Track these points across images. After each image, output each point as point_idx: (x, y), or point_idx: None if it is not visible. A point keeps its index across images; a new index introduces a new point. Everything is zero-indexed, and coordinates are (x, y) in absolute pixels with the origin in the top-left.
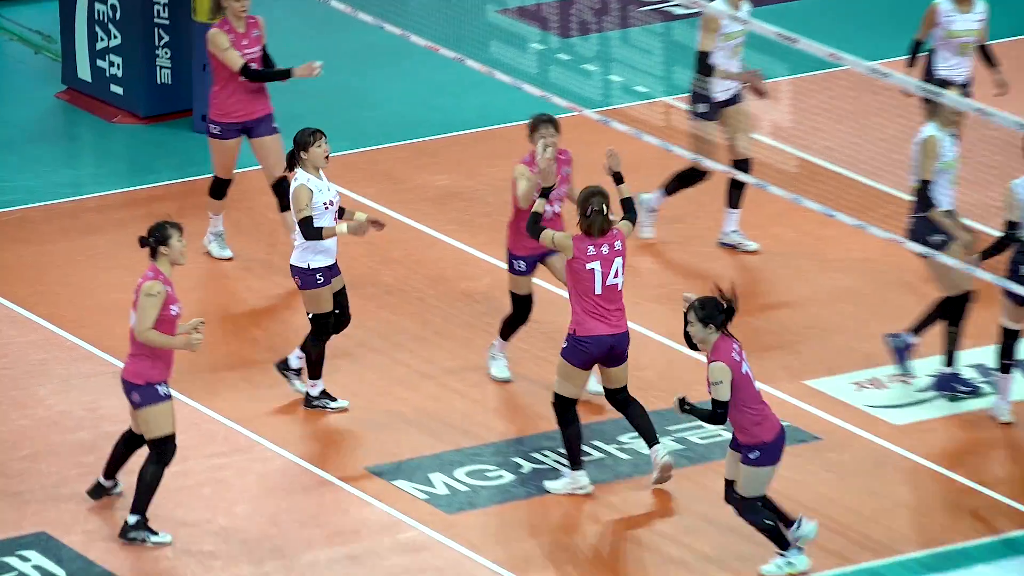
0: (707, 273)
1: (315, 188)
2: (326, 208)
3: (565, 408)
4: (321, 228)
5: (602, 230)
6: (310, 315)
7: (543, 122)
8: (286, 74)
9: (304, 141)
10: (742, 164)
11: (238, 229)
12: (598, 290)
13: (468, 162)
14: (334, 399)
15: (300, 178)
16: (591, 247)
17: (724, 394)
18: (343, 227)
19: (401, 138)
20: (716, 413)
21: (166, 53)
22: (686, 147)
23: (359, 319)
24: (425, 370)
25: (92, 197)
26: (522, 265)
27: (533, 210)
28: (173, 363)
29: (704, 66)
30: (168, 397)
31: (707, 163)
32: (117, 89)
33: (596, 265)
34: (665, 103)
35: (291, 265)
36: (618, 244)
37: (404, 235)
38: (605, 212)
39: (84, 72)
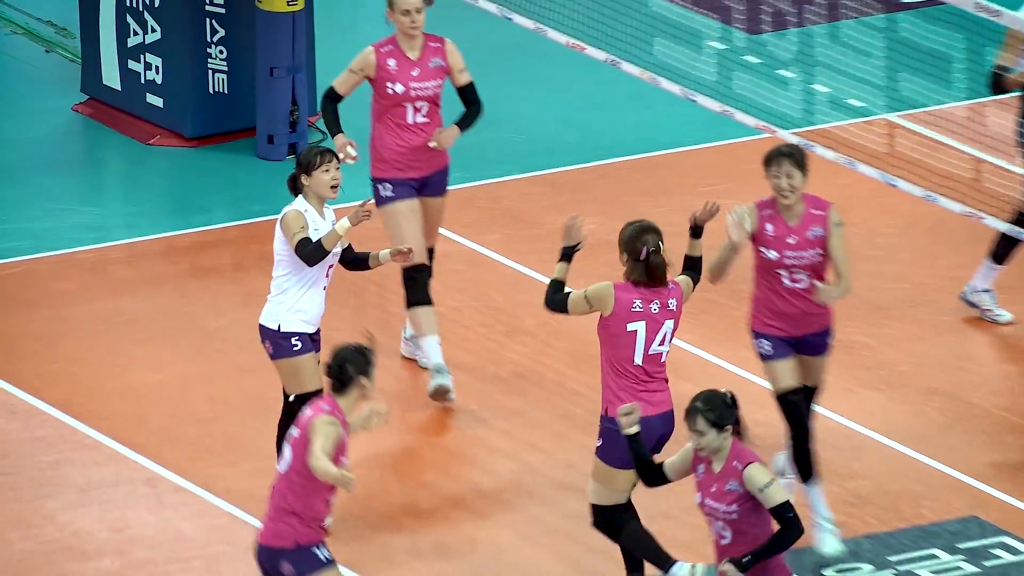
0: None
1: (311, 222)
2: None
3: (612, 519)
4: (319, 241)
5: (660, 278)
6: (290, 397)
7: (780, 155)
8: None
9: (308, 162)
10: None
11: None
12: (637, 359)
13: (622, 199)
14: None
15: (297, 204)
16: (637, 301)
17: (782, 492)
18: (343, 222)
19: (532, 168)
20: (788, 519)
21: (221, 53)
22: (914, 180)
23: (479, 407)
24: (565, 479)
25: (120, 244)
26: (766, 347)
27: (555, 278)
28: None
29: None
30: (331, 563)
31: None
32: (155, 100)
33: (640, 326)
34: (888, 122)
35: (260, 325)
36: (672, 303)
37: (536, 297)
38: (662, 254)
39: (111, 77)
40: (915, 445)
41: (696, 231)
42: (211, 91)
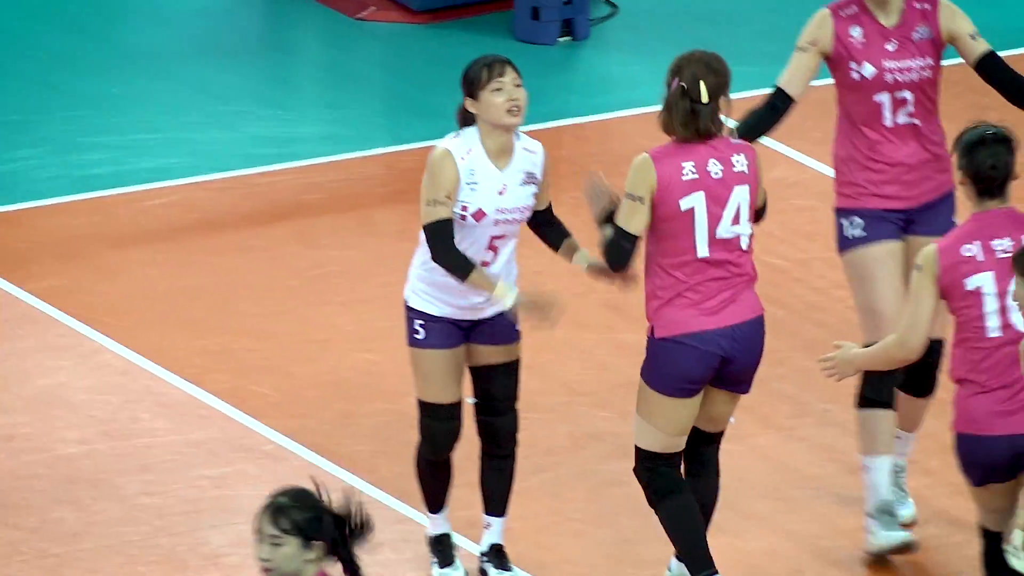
0: None
1: (466, 173)
2: (463, 218)
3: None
4: (463, 258)
5: (706, 127)
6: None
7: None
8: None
9: (473, 78)
10: None
11: None
12: (701, 248)
13: None
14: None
15: (451, 143)
16: (688, 164)
17: None
18: (507, 295)
19: None
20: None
21: None
22: None
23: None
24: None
25: (316, 165)
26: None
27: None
28: None
29: None
30: None
31: None
32: None
33: (699, 200)
34: None
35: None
36: (740, 160)
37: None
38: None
39: None
40: None
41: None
42: None
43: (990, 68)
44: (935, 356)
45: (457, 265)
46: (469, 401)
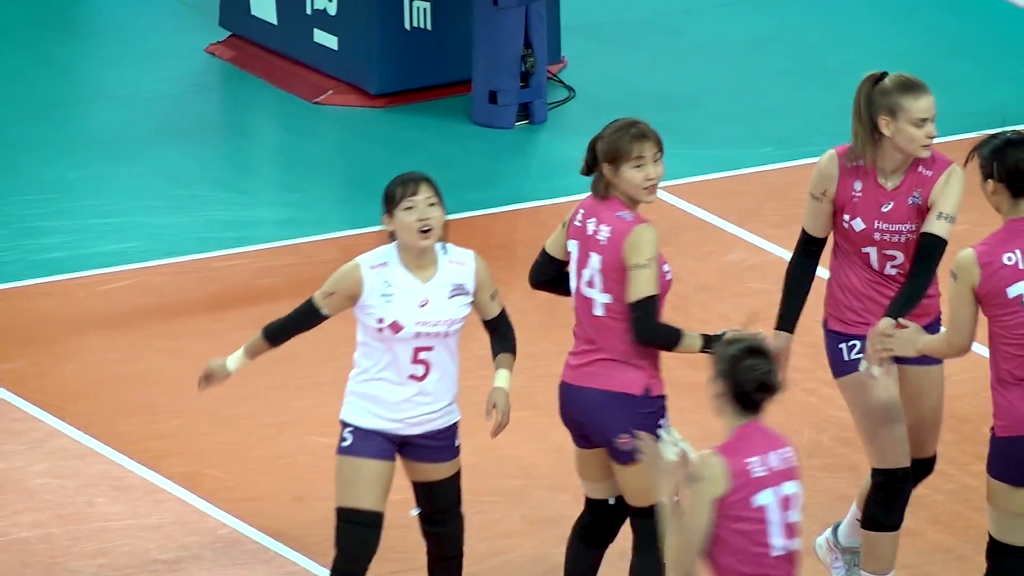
0: None
1: (380, 284)
2: (380, 330)
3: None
4: (280, 335)
5: None
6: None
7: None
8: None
9: (387, 195)
10: None
11: None
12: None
13: None
14: None
15: (368, 256)
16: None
17: None
18: (234, 357)
19: None
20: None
21: None
22: None
23: None
24: None
25: (272, 249)
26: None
27: None
28: None
29: None
30: None
31: None
32: (326, 39)
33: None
34: None
35: None
36: None
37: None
38: None
39: (263, 6)
40: None
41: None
42: (407, 26)
43: (923, 246)
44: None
45: (273, 330)
46: (412, 513)
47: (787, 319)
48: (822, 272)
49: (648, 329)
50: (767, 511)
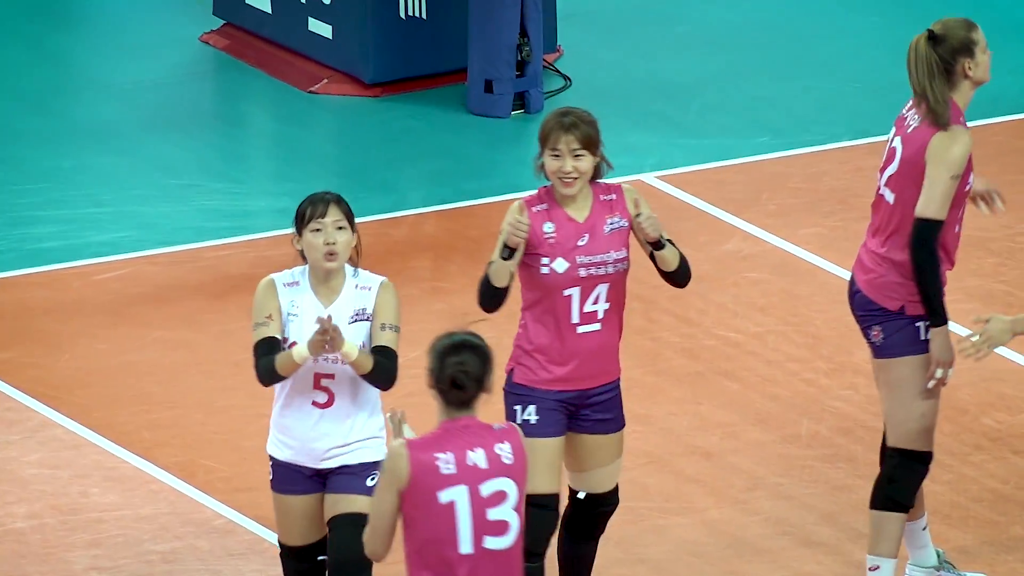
0: None
1: (287, 304)
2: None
3: None
4: (273, 358)
5: None
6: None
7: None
8: None
9: (298, 214)
10: None
11: None
12: None
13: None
14: None
15: (278, 275)
16: None
17: None
18: (300, 348)
19: (867, 132)
20: None
21: None
22: None
23: (788, 481)
24: None
25: (266, 238)
26: None
27: None
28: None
29: None
30: None
31: None
32: (321, 28)
33: None
34: None
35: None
36: None
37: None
38: None
39: None
40: None
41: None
42: (402, 15)
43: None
44: None
45: (269, 366)
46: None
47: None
48: (836, 270)
49: None
50: (455, 508)
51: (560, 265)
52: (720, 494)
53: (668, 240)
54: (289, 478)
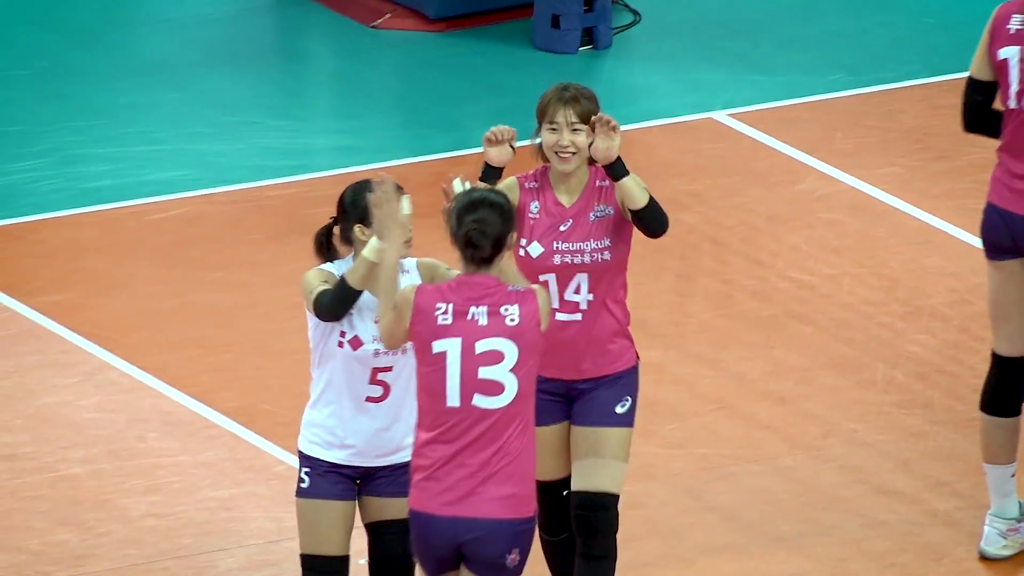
0: None
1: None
2: (340, 344)
3: None
4: (343, 281)
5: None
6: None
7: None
8: None
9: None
10: None
11: None
12: None
13: None
14: None
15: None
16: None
17: None
18: (372, 244)
19: (948, 68)
20: None
21: None
22: None
23: (863, 427)
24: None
25: (327, 177)
26: None
27: None
28: None
29: None
30: None
31: None
32: None
33: None
34: None
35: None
36: None
37: (954, 263)
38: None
39: None
40: None
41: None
42: None
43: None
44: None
45: (340, 288)
46: (360, 562)
47: None
48: (912, 211)
49: None
50: (446, 359)
51: (535, 249)
52: (793, 441)
53: (627, 172)
54: (331, 481)
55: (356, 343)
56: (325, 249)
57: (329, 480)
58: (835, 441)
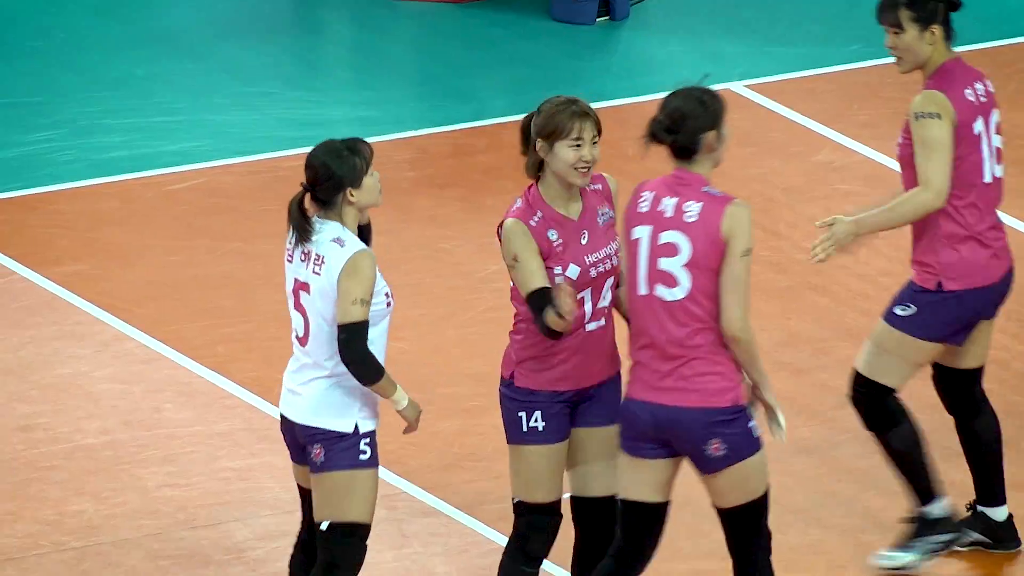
0: None
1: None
2: (388, 305)
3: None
4: (372, 357)
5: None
6: (322, 524)
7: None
8: None
9: (358, 166)
10: None
11: None
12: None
13: None
14: None
15: (354, 242)
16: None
17: None
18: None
19: (975, 37)
20: None
21: None
22: None
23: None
24: None
25: (371, 143)
26: None
27: None
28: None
29: None
30: None
31: None
32: None
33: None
34: None
35: (309, 427)
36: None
37: None
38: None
39: None
40: None
41: None
42: None
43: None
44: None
45: (373, 365)
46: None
47: None
48: None
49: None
50: (639, 247)
51: (572, 271)
52: (810, 412)
53: None
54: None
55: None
56: (304, 223)
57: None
58: (851, 412)
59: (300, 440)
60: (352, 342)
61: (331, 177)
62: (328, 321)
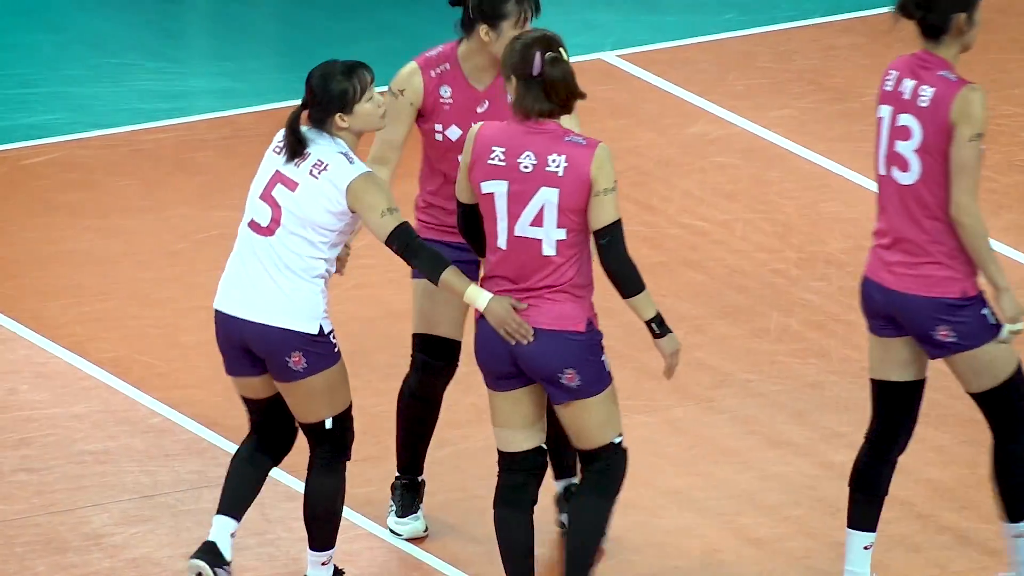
0: None
1: None
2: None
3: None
4: (437, 272)
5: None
6: (327, 423)
7: None
8: None
9: (349, 92)
10: None
11: None
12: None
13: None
14: None
15: (360, 163)
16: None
17: None
18: (476, 298)
19: (844, 8)
20: None
21: None
22: None
23: (758, 378)
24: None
25: (205, 120)
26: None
27: None
28: None
29: None
30: None
31: None
32: None
33: (498, 188)
34: None
35: (282, 330)
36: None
37: (849, 209)
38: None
39: None
40: None
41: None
42: None
43: None
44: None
45: (426, 266)
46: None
47: None
48: (807, 155)
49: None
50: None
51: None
52: (684, 391)
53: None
54: None
55: None
56: (295, 140)
57: None
58: (727, 392)
59: (253, 344)
60: (409, 247)
61: (321, 99)
62: (304, 223)
